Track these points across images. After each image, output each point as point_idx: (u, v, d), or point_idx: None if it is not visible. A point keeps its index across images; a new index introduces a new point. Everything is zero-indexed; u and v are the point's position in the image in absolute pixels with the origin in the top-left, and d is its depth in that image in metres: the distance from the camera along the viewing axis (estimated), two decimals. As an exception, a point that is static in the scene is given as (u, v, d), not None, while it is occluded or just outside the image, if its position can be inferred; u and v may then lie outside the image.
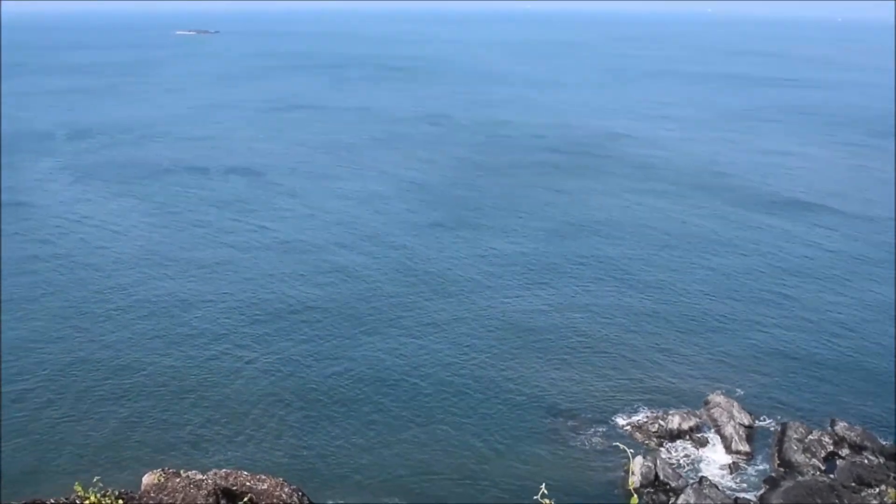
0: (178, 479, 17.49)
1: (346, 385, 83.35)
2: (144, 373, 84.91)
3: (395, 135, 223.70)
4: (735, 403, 78.39)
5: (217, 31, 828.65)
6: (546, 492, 14.22)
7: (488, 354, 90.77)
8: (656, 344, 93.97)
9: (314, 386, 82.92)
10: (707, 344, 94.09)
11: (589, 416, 78.84)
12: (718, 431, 75.77)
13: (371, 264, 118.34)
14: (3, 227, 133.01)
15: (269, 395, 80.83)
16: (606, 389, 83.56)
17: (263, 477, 18.47)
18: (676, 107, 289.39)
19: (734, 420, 75.96)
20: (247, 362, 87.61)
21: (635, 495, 14.84)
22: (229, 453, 70.66)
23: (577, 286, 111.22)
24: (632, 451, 71.94)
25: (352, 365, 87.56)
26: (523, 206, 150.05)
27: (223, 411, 77.80)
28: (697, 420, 77.20)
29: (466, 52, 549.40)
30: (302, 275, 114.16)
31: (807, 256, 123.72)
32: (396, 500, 65.44)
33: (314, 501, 18.47)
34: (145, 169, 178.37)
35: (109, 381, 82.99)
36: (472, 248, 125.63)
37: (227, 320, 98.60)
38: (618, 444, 73.22)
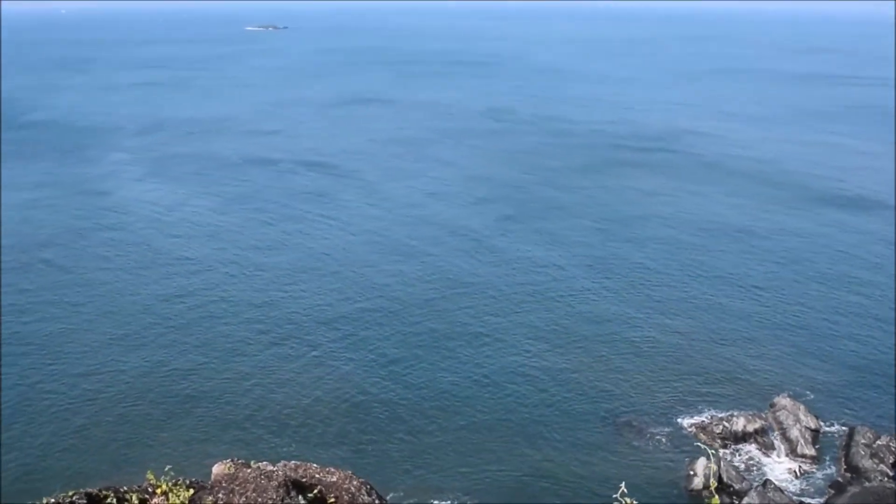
0: (248, 470, 17.70)
1: (411, 381, 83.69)
2: (210, 365, 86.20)
3: (461, 130, 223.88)
4: (802, 406, 77.07)
5: (286, 27, 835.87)
6: (626, 490, 14.07)
7: (552, 351, 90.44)
8: (723, 343, 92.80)
9: (378, 380, 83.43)
10: (775, 345, 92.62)
11: (653, 415, 78.19)
12: (784, 434, 74.57)
13: (435, 258, 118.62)
14: (78, 218, 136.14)
15: (333, 391, 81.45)
16: (671, 389, 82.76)
17: (332, 469, 18.61)
18: (743, 104, 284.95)
19: (800, 423, 74.70)
20: (313, 357, 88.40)
21: (716, 496, 14.65)
22: (294, 445, 71.48)
23: (643, 283, 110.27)
24: (713, 451, 71.23)
25: (416, 361, 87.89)
26: (587, 202, 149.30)
27: (288, 405, 78.62)
28: (763, 422, 76.08)
29: (533, 48, 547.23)
30: (370, 268, 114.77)
31: (881, 259, 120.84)
32: (459, 496, 65.56)
33: (381, 495, 18.55)
34: (215, 162, 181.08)
35: (174, 371, 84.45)
36: (536, 243, 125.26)
37: (294, 314, 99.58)
38: (684, 444, 72.58)
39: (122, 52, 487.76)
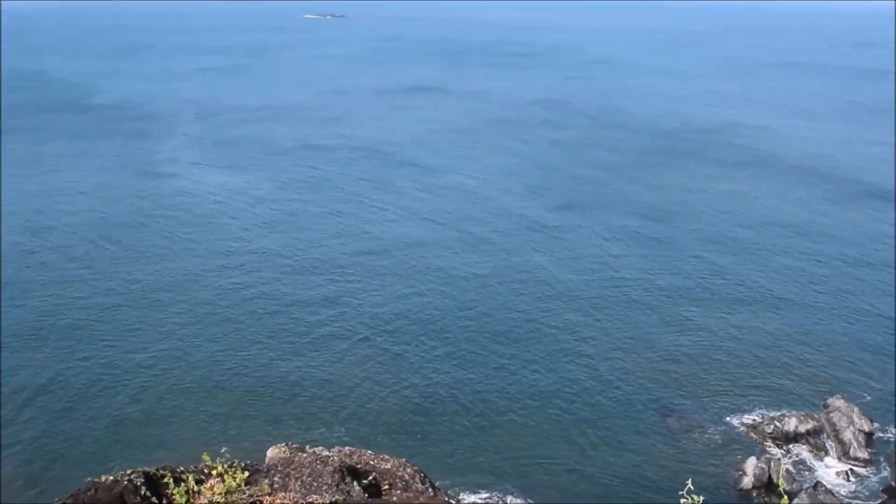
0: (304, 455, 17.83)
1: (460, 371, 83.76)
2: (264, 351, 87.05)
3: (515, 120, 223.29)
4: (856, 408, 75.81)
5: (343, 16, 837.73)
6: (692, 487, 13.91)
7: (602, 344, 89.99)
8: (777, 340, 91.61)
9: (428, 369, 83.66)
10: (831, 345, 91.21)
11: (704, 412, 77.52)
12: (837, 436, 73.44)
13: (488, 247, 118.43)
14: (136, 198, 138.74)
15: (384, 379, 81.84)
16: (723, 386, 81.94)
17: (386, 457, 18.68)
18: (800, 98, 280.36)
19: (854, 426, 73.51)
20: (365, 344, 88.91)
21: (786, 496, 14.43)
22: (344, 431, 71.99)
23: (696, 277, 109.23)
24: (780, 452, 70.50)
25: (466, 351, 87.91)
26: (640, 193, 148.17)
27: (340, 392, 79.18)
28: (815, 423, 74.96)
29: (590, 40, 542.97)
30: (423, 256, 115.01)
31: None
32: (508, 488, 65.63)
33: (434, 484, 18.55)
34: (272, 148, 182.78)
35: (232, 355, 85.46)
36: (588, 234, 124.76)
37: (348, 301, 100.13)
38: (734, 443, 71.89)
39: (183, 39, 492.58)
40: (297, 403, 77.03)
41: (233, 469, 18.88)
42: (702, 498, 14.01)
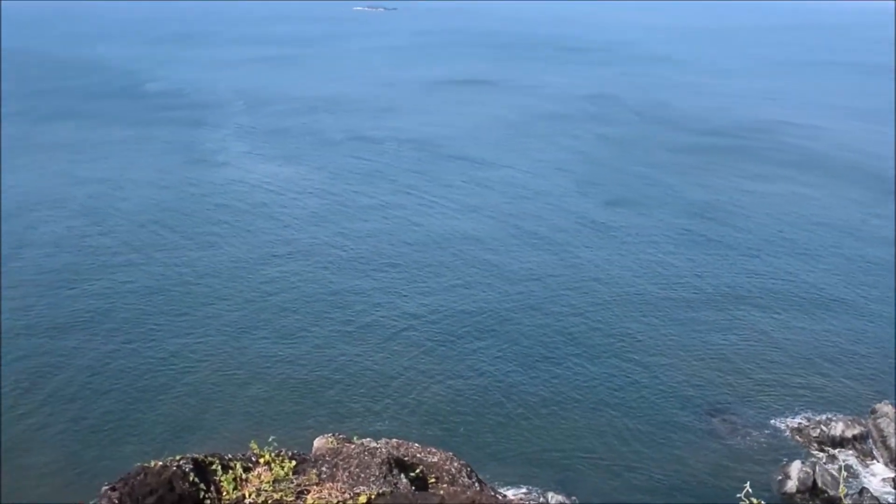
0: (352, 446, 17.87)
1: (503, 364, 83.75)
2: (309, 340, 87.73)
3: (562, 114, 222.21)
4: (905, 415, 74.55)
5: (395, 8, 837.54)
6: (750, 490, 13.72)
7: (650, 342, 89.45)
8: (825, 344, 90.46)
9: (471, 362, 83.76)
10: (880, 349, 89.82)
11: (749, 413, 76.82)
12: (884, 443, 72.31)
13: (536, 241, 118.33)
14: (188, 185, 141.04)
15: (428, 371, 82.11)
16: (769, 387, 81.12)
17: (434, 450, 18.67)
18: (846, 97, 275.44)
19: (902, 432, 72.32)
20: (410, 336, 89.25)
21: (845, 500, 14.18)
22: (386, 422, 72.36)
23: (744, 276, 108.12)
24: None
25: (510, 344, 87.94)
26: (688, 191, 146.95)
27: (384, 383, 79.57)
28: (862, 429, 73.90)
29: (640, 36, 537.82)
30: (471, 248, 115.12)
31: None
32: (550, 484, 65.57)
33: (481, 479, 18.52)
34: (320, 138, 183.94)
35: (280, 343, 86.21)
36: (635, 230, 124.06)
37: (394, 292, 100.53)
38: (779, 445, 71.11)
39: (234, 29, 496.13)
40: (344, 393, 77.51)
41: (280, 458, 18.98)
42: (762, 502, 13.81)
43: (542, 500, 63.28)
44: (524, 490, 64.51)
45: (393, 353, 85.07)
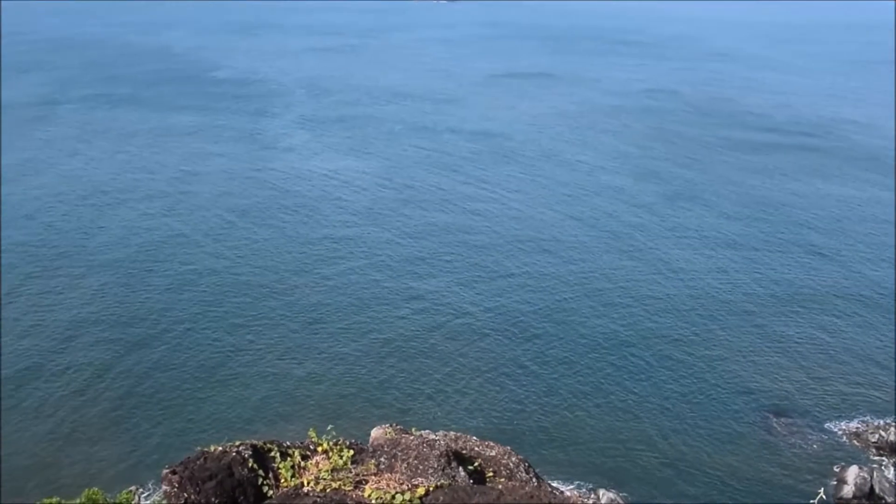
0: (410, 437, 17.87)
1: (557, 357, 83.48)
2: (371, 330, 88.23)
3: (622, 108, 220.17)
4: (968, 422, 72.92)
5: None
6: (824, 497, 13.44)
7: (706, 343, 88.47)
8: (886, 347, 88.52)
9: (526, 354, 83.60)
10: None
11: (806, 416, 75.61)
12: (946, 450, 70.73)
13: (592, 235, 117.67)
14: (253, 172, 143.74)
15: (481, 361, 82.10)
16: (827, 391, 79.74)
17: (492, 444, 18.62)
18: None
19: (965, 440, 70.73)
20: (465, 328, 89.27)
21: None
22: (439, 413, 72.57)
23: (804, 279, 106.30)
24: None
25: (564, 338, 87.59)
26: (748, 187, 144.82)
27: (439, 374, 79.75)
28: (924, 435, 72.34)
29: (695, 29, 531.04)
30: (529, 240, 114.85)
31: None
32: (601, 480, 65.36)
33: (539, 474, 18.41)
34: (381, 129, 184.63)
35: (336, 332, 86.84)
36: (692, 230, 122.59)
37: (449, 283, 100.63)
38: (835, 450, 69.94)
39: (295, 18, 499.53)
40: (403, 385, 77.75)
41: (338, 447, 19.09)
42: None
43: (592, 496, 63.02)
44: (572, 486, 64.26)
45: (447, 346, 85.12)
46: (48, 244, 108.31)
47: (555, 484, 60.69)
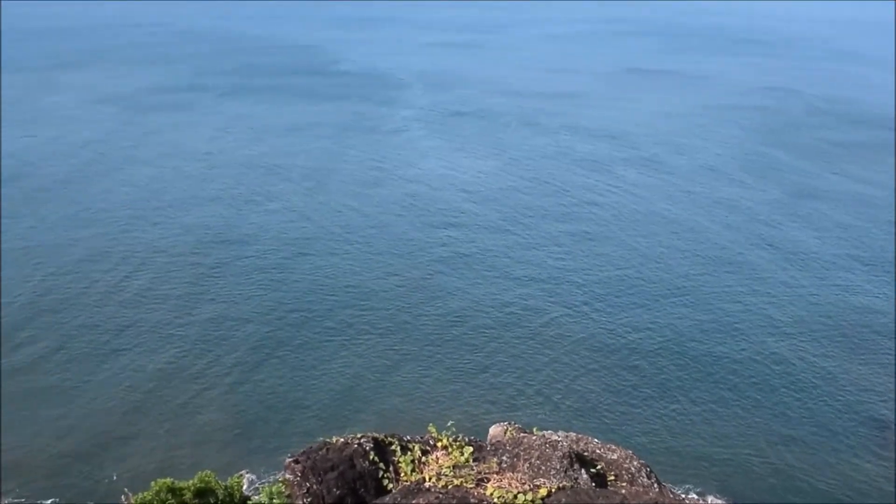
0: (533, 437, 17.80)
1: (668, 365, 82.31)
2: (486, 324, 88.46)
3: (739, 107, 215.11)
4: None
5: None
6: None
7: (821, 349, 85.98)
8: None
9: (634, 353, 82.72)
10: None
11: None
12: None
13: (706, 235, 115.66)
14: (377, 160, 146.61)
15: (591, 360, 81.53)
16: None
17: (613, 447, 18.42)
18: None
19: None
20: (579, 326, 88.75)
21: None
22: (547, 412, 72.31)
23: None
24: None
25: (675, 345, 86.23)
26: (868, 191, 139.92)
27: (551, 371, 79.51)
28: None
29: (814, 28, 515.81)
30: (644, 238, 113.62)
31: None
32: (709, 484, 64.23)
33: (660, 480, 18.13)
34: (496, 123, 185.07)
35: (452, 330, 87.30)
36: (809, 229, 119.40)
37: (565, 283, 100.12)
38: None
39: (414, 14, 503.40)
40: (518, 382, 77.59)
41: (458, 443, 19.14)
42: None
43: (701, 501, 61.97)
44: (681, 490, 63.20)
45: (568, 345, 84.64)
46: (195, 234, 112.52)
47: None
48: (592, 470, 17.24)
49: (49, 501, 59.46)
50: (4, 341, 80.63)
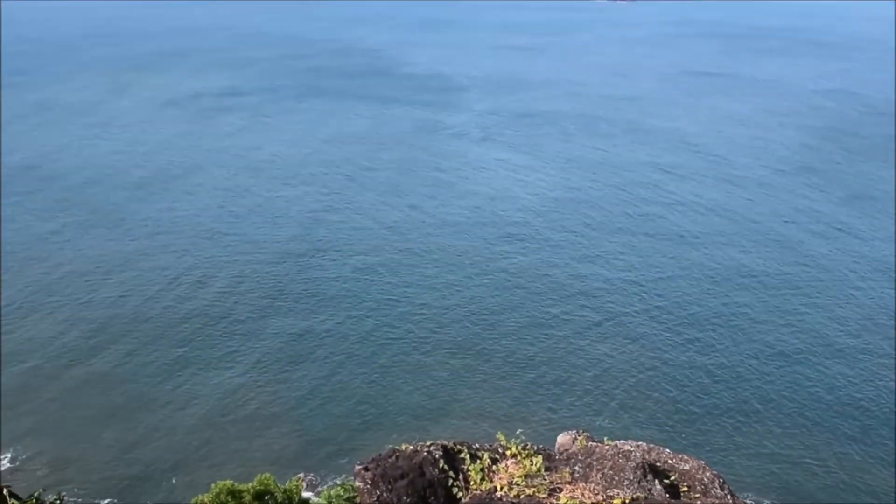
0: (605, 447, 17.66)
1: (733, 373, 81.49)
2: (555, 331, 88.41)
3: (801, 110, 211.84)
4: None
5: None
6: None
7: (884, 350, 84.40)
8: None
9: (691, 359, 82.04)
10: None
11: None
12: None
13: (765, 239, 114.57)
14: (434, 164, 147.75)
15: (651, 369, 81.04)
16: None
17: (686, 457, 18.20)
18: None
19: None
20: (638, 333, 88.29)
21: None
22: (607, 420, 71.90)
23: None
24: None
25: (742, 353, 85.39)
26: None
27: (612, 381, 79.08)
28: None
29: (881, 30, 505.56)
30: (716, 245, 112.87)
31: None
32: (769, 488, 63.58)
33: (733, 491, 17.89)
34: (556, 125, 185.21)
35: (524, 335, 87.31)
36: (871, 239, 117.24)
37: (638, 286, 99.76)
38: None
39: (479, 16, 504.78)
40: (584, 389, 77.25)
41: (526, 451, 19.07)
42: None
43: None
44: (747, 498, 62.51)
45: (634, 352, 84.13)
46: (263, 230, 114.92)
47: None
48: (666, 481, 17.04)
49: (106, 501, 60.46)
50: (83, 346, 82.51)
